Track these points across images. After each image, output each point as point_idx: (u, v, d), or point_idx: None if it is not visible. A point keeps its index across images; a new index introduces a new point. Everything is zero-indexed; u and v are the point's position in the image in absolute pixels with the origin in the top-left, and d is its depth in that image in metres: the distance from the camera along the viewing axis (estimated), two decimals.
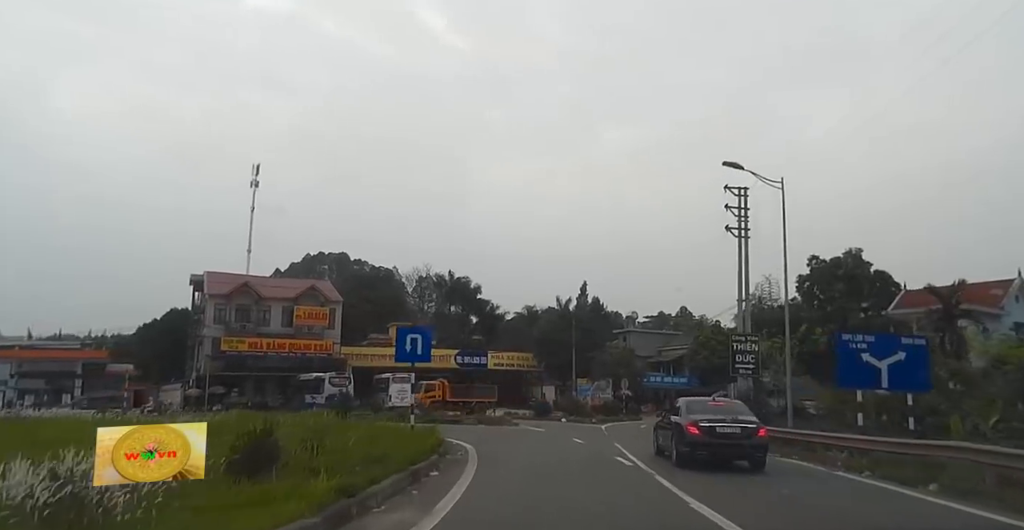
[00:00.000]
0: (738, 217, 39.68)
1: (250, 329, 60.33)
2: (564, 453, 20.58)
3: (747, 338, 38.61)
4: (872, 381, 19.73)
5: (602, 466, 16.82)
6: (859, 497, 12.48)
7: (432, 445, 16.18)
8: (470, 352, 66.12)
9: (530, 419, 42.81)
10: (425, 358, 18.90)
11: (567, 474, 14.74)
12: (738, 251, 39.21)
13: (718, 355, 62.33)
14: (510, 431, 30.34)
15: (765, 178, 27.63)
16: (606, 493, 12.08)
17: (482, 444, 21.48)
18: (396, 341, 18.64)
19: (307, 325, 61.38)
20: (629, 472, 15.38)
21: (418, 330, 19.37)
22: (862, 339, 19.93)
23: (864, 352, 19.72)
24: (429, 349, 18.68)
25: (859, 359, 19.68)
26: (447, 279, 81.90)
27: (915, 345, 20.17)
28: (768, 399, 38.87)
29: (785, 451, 21.56)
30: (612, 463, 17.24)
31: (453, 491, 11.16)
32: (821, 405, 37.75)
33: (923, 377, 19.89)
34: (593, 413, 44.52)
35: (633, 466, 16.20)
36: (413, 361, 19.56)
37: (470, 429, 30.09)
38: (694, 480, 13.38)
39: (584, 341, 62.59)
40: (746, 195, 39.91)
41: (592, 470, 16.06)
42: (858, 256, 48.04)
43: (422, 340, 18.35)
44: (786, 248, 28.25)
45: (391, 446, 14.07)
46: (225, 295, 60.36)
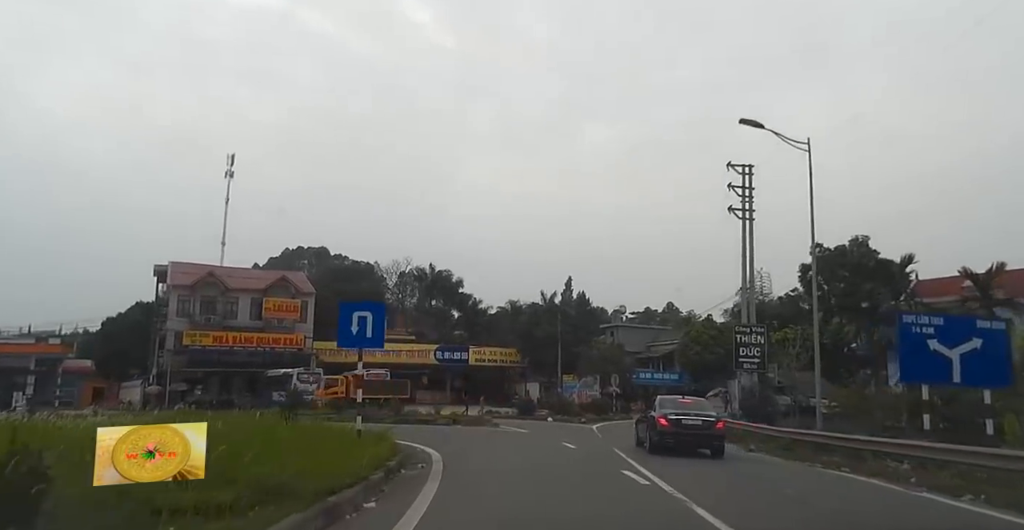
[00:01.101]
0: (742, 197, 35.50)
1: (216, 322, 55.49)
2: (553, 463, 16.11)
3: (752, 329, 34.32)
4: (942, 374, 15.45)
5: (608, 482, 12.43)
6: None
7: (378, 457, 11.72)
8: (450, 347, 61.64)
9: (513, 418, 38.34)
10: (376, 343, 14.19)
11: (563, 499, 10.32)
12: (742, 233, 35.02)
13: (710, 350, 58.17)
14: (489, 433, 25.85)
15: (788, 139, 23.42)
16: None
17: (452, 451, 17.00)
18: (339, 320, 14.03)
19: (277, 318, 56.60)
20: (651, 496, 10.95)
21: (368, 306, 14.69)
22: (928, 322, 15.61)
23: (931, 338, 15.41)
24: (382, 331, 14.06)
25: (926, 347, 15.37)
26: (428, 272, 77.29)
27: (993, 330, 15.83)
28: (775, 396, 34.63)
29: (823, 459, 17.22)
30: (619, 479, 12.80)
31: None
32: (835, 404, 33.66)
33: (1003, 369, 15.60)
34: (581, 412, 39.99)
35: (651, 485, 11.75)
36: (361, 347, 14.83)
37: (442, 431, 25.61)
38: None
39: (570, 335, 58.17)
40: (751, 173, 35.77)
41: (597, 487, 11.73)
42: (864, 243, 43.78)
43: (372, 319, 13.65)
44: (813, 220, 24.00)
45: (316, 460, 9.48)
46: (189, 286, 55.52)
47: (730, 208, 35.21)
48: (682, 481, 11.98)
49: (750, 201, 35.17)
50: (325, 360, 56.18)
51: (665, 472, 13.18)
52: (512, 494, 10.75)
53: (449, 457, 15.31)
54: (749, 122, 23.94)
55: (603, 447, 21.17)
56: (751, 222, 34.92)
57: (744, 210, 35.11)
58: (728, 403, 35.84)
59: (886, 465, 15.41)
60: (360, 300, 68.41)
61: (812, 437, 19.64)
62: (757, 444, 22.75)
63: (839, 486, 13.14)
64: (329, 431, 14.81)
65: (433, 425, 28.44)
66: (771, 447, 20.80)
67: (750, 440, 24.23)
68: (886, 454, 16.09)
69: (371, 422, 29.99)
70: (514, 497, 10.41)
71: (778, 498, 11.35)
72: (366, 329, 13.54)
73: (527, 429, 28.73)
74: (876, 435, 19.87)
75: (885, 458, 16.05)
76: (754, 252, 34.84)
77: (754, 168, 35.63)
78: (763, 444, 22.29)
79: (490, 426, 29.18)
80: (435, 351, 60.10)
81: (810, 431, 20.69)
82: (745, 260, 34.65)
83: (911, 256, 32.24)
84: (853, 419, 26.79)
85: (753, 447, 22.07)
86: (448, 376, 63.12)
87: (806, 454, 18.65)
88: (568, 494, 10.95)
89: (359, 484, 9.33)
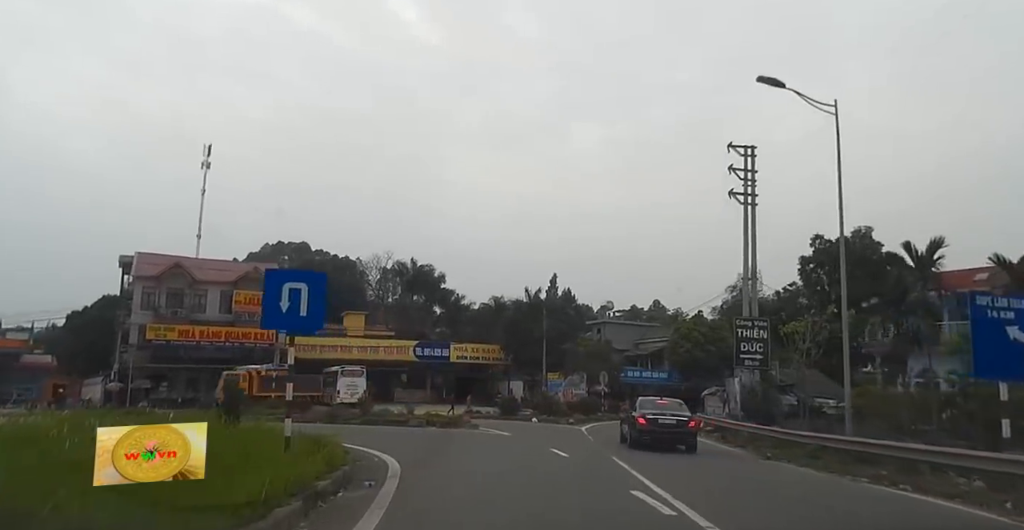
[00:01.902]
0: (744, 180, 32.36)
1: (183, 315, 51.76)
2: (543, 477, 12.76)
3: (754, 323, 31.18)
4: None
5: (618, 507, 9.17)
6: None
7: (302, 476, 8.33)
8: (430, 344, 58.17)
9: (495, 419, 35.02)
10: (312, 325, 10.34)
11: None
12: (744, 218, 31.91)
13: (702, 348, 55.05)
14: (465, 437, 22.42)
15: (812, 99, 20.23)
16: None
17: (416, 461, 13.71)
18: (263, 294, 10.55)
19: (248, 312, 52.62)
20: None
21: (302, 276, 11.31)
22: (1007, 305, 12.40)
23: (1011, 325, 12.22)
24: (321, 310, 10.55)
25: (1004, 336, 12.18)
26: (409, 267, 73.75)
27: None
28: (780, 396, 31.52)
29: (868, 473, 13.96)
30: (630, 502, 9.52)
31: None
32: (841, 404, 30.61)
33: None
34: (569, 412, 36.66)
35: (679, 516, 8.44)
36: (292, 330, 11.24)
37: (412, 435, 22.27)
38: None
39: (555, 332, 54.84)
40: (753, 155, 32.67)
41: (606, 518, 8.46)
42: (868, 235, 40.88)
43: (308, 293, 10.19)
44: (841, 189, 20.80)
45: (197, 486, 6.09)
46: (154, 277, 51.72)
47: (731, 192, 32.12)
48: (717, 508, 8.71)
49: (753, 184, 32.12)
50: (299, 356, 52.59)
51: (692, 495, 9.89)
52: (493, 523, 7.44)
53: (410, 470, 11.98)
54: (768, 80, 20.76)
55: (600, 455, 17.90)
56: (754, 207, 31.83)
57: (746, 194, 32.01)
58: (726, 402, 32.66)
59: (952, 481, 12.25)
60: (338, 295, 65.34)
61: (846, 444, 16.38)
62: (772, 450, 19.56)
63: (927, 516, 9.87)
64: (258, 436, 11.44)
65: (405, 427, 25.04)
66: (794, 454, 17.57)
67: (763, 445, 21.04)
68: (946, 467, 12.92)
69: (339, 423, 26.78)
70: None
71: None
72: (299, 306, 10.05)
73: (510, 431, 25.41)
74: (901, 439, 16.87)
75: (945, 471, 12.89)
76: (756, 239, 31.70)
77: (756, 149, 32.51)
78: (780, 450, 19.09)
79: (468, 428, 25.79)
80: (415, 347, 56.57)
81: (842, 437, 17.45)
82: (747, 248, 31.57)
83: (940, 239, 28.78)
84: (869, 420, 23.80)
85: (770, 454, 18.88)
86: (429, 374, 59.67)
87: (838, 464, 15.45)
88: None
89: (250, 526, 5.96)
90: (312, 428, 14.73)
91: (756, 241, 31.42)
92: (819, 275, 41.88)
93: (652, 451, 18.02)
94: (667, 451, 18.49)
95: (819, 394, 33.37)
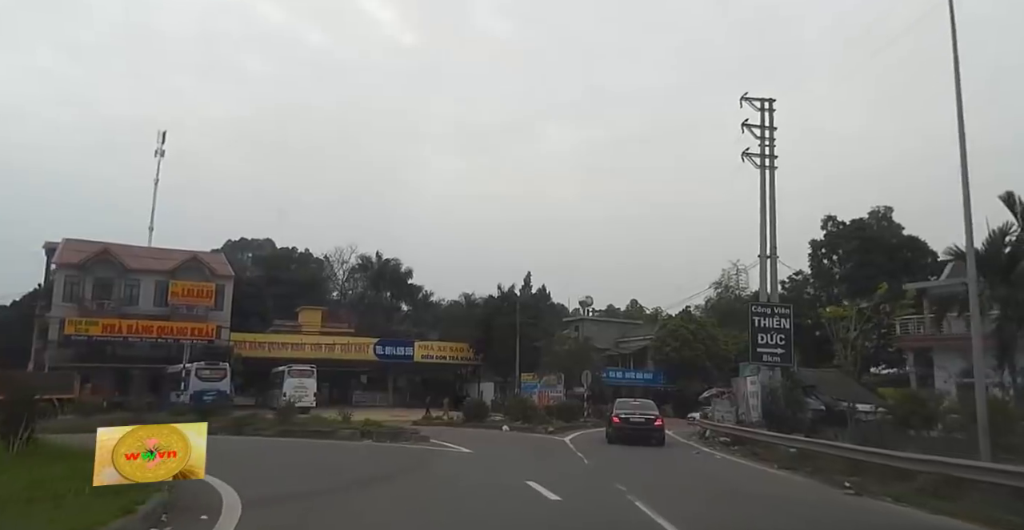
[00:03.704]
0: (760, 138, 26.05)
1: (112, 308, 44.27)
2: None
3: (775, 310, 24.84)
4: None
5: None
6: None
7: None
8: (392, 341, 51.15)
9: (458, 426, 28.33)
10: None
11: None
12: (761, 184, 25.56)
13: (689, 346, 48.89)
14: (404, 459, 15.59)
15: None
16: None
17: (281, 518, 7.00)
18: None
19: (186, 304, 45.55)
20: None
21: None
22: None
23: None
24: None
25: None
26: (374, 261, 66.70)
27: None
28: (807, 399, 25.17)
29: None
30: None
31: None
32: (880, 408, 24.40)
33: None
34: (547, 418, 29.84)
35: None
36: None
37: (331, 454, 15.44)
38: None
39: (530, 328, 48.23)
40: (771, 110, 26.36)
41: None
42: (887, 217, 34.82)
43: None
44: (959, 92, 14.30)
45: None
46: (78, 265, 44.25)
47: (745, 153, 25.85)
48: None
49: (771, 144, 25.79)
50: (245, 354, 45.61)
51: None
52: None
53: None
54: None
55: (606, 493, 11.17)
56: (772, 169, 25.51)
57: (763, 155, 25.69)
58: (736, 406, 26.28)
59: None
60: (294, 289, 57.96)
61: (1000, 476, 9.82)
62: (846, 476, 13.09)
63: None
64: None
65: (330, 440, 18.05)
66: (898, 490, 11.07)
67: (822, 467, 14.58)
68: None
69: (248, 434, 20.01)
70: None
71: None
72: None
73: (473, 445, 18.67)
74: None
75: None
76: (776, 208, 25.37)
77: (775, 102, 26.23)
78: (863, 478, 12.65)
79: (415, 442, 18.93)
80: (375, 346, 49.54)
81: (992, 466, 10.89)
82: (764, 218, 25.23)
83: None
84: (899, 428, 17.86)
85: (850, 485, 12.39)
86: (391, 375, 52.75)
87: (987, 507, 9.06)
88: None
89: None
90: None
91: (775, 210, 25.13)
92: (831, 261, 35.81)
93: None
94: (713, 491, 12.50)
95: (841, 396, 27.08)
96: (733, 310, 58.71)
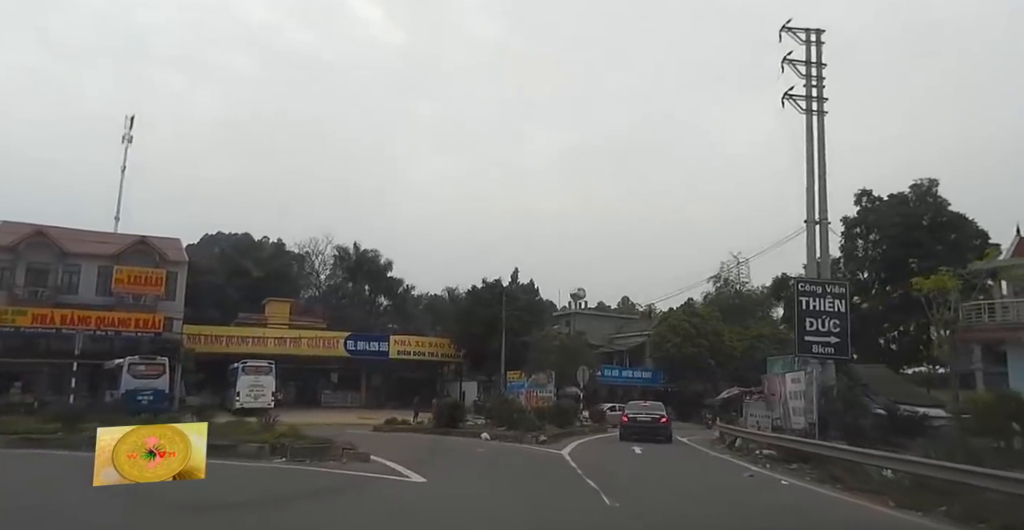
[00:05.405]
0: (807, 77, 20.43)
1: (47, 297, 38.18)
2: None
3: (826, 289, 19.21)
4: None
5: None
6: None
7: None
8: (365, 336, 45.19)
9: (425, 432, 22.57)
10: None
11: None
12: (808, 132, 19.95)
13: (691, 342, 43.41)
14: (296, 500, 9.06)
15: None
16: None
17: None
18: None
19: (132, 293, 39.44)
20: None
21: None
22: None
23: None
24: None
25: None
26: (351, 252, 60.74)
27: None
28: (869, 401, 19.50)
29: None
30: None
31: None
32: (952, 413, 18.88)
33: None
34: (538, 424, 23.75)
35: None
36: None
37: (215, 479, 9.08)
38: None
39: (516, 322, 42.54)
40: (820, 42, 20.77)
41: None
42: (931, 191, 29.24)
43: None
44: None
45: None
46: (9, 247, 38.15)
47: (787, 94, 20.26)
48: None
49: (819, 84, 20.17)
50: (199, 349, 39.62)
51: None
52: None
53: None
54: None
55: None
56: (821, 115, 19.92)
57: (809, 97, 20.12)
58: (773, 408, 20.67)
59: None
60: (262, 280, 51.68)
61: None
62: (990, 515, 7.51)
63: None
64: None
65: (225, 459, 11.81)
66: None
67: (944, 500, 9.00)
68: None
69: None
70: None
71: None
72: None
73: (430, 470, 12.41)
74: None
75: None
76: (826, 163, 19.75)
77: (824, 33, 20.64)
78: None
79: (347, 461, 12.70)
80: (345, 340, 43.59)
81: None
82: (812, 175, 19.66)
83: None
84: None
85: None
86: (363, 373, 46.81)
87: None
88: None
89: None
90: None
91: (825, 165, 19.51)
92: (866, 241, 30.32)
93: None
94: None
95: (900, 397, 21.51)
96: (734, 306, 53.36)
